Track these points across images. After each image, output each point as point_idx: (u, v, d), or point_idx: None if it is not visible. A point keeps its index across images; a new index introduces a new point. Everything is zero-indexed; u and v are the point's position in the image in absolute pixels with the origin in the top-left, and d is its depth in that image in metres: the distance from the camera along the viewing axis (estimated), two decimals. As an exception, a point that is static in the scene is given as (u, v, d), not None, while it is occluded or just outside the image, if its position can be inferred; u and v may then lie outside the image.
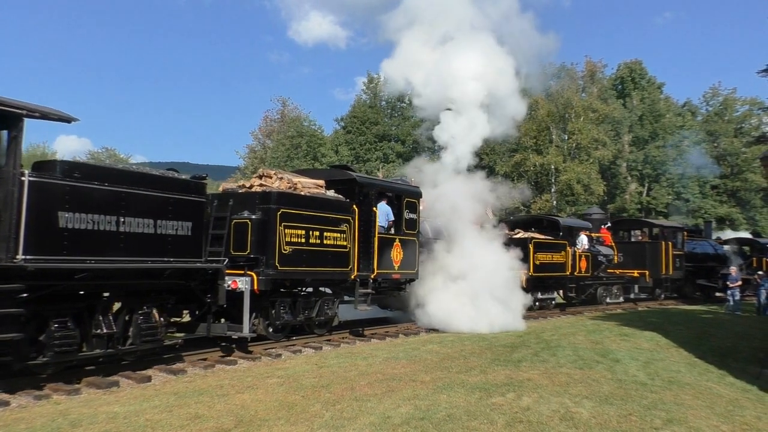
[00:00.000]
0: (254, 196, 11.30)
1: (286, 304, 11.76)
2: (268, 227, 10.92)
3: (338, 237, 12.20)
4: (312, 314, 12.37)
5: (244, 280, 10.58)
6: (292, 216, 11.23)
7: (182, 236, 9.19)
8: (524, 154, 45.34)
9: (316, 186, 12.60)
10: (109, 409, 7.03)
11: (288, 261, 11.15)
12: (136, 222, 8.52)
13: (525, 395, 7.87)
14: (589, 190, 43.78)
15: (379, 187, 13.91)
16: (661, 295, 25.68)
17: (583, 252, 21.25)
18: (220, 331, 10.68)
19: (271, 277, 10.88)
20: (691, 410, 7.35)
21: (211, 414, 6.82)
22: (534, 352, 11.41)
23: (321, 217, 11.85)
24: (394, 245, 13.83)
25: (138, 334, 9.02)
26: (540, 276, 19.15)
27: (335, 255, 12.15)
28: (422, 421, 6.59)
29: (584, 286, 21.85)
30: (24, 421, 6.56)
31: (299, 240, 11.36)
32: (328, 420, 6.62)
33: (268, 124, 54.71)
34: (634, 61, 53.93)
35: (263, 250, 10.88)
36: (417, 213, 14.61)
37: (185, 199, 9.30)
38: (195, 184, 9.65)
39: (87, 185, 7.93)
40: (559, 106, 45.86)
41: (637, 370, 9.90)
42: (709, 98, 56.34)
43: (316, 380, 8.65)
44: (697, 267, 27.96)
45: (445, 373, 9.30)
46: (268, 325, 11.61)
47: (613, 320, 17.79)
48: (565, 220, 22.12)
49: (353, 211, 12.62)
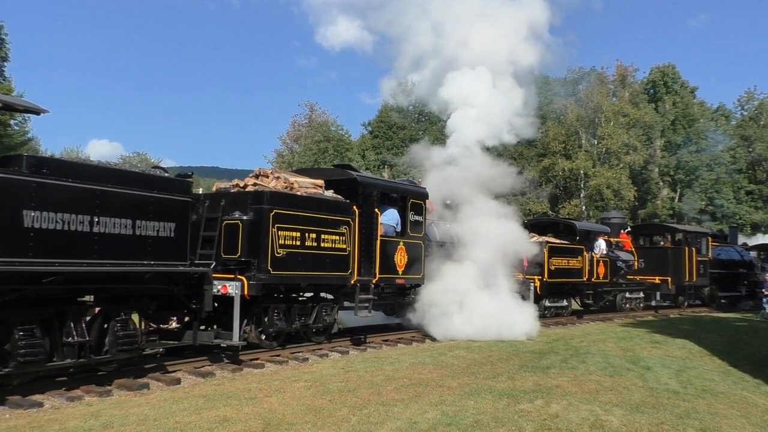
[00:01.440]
0: (246, 196, 10.74)
1: (280, 311, 11.13)
2: (260, 229, 10.34)
3: (337, 239, 11.57)
4: (309, 321, 11.77)
5: (234, 285, 9.98)
6: (286, 217, 10.63)
7: (164, 238, 8.57)
8: (552, 159, 44.95)
9: (314, 186, 11.94)
10: (139, 410, 7.12)
11: (282, 265, 10.56)
12: (113, 222, 7.92)
13: (554, 402, 7.78)
14: (620, 195, 43.21)
15: (382, 187, 13.21)
16: (684, 303, 24.92)
17: (601, 257, 20.60)
18: (207, 340, 10.12)
19: (263, 281, 10.31)
20: (726, 420, 7.19)
21: (239, 417, 6.87)
22: (563, 359, 11.28)
23: (318, 218, 11.22)
24: (398, 249, 13.18)
25: (114, 343, 8.38)
26: (555, 282, 18.56)
27: (333, 258, 11.53)
28: (449, 427, 6.56)
29: (602, 293, 21.21)
30: (57, 422, 6.67)
31: (294, 242, 10.75)
32: (355, 424, 6.62)
33: (296, 129, 55.09)
34: (666, 64, 53.17)
35: (255, 253, 10.31)
36: (423, 215, 13.92)
37: (168, 199, 8.69)
38: (179, 182, 9.07)
39: (56, 182, 7.37)
40: (589, 110, 45.40)
41: (669, 378, 9.73)
42: (744, 102, 55.33)
43: (343, 384, 8.66)
44: (723, 274, 27.05)
45: (473, 378, 9.24)
46: (260, 333, 10.98)
47: (643, 327, 17.51)
48: (582, 224, 21.55)
49: (353, 212, 11.98)
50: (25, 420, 6.78)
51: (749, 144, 51.56)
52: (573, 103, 45.49)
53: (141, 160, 59.41)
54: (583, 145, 45.39)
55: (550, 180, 45.95)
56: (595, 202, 43.39)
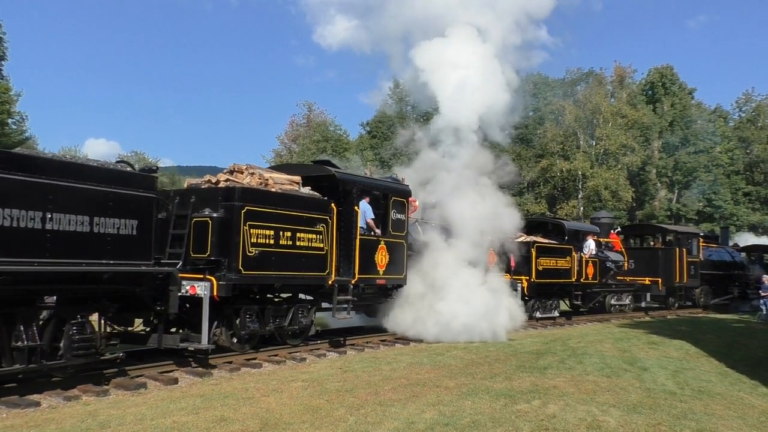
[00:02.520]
0: (217, 192, 10.24)
1: (253, 312, 10.66)
2: (230, 227, 9.87)
3: (313, 238, 11.09)
4: (284, 323, 11.29)
5: (203, 286, 9.52)
6: (258, 214, 10.16)
7: (125, 236, 8.08)
8: (551, 160, 45.00)
9: (290, 182, 11.41)
10: (137, 410, 7.12)
11: (254, 264, 10.08)
12: (68, 219, 7.42)
13: (551, 402, 7.79)
14: (617, 196, 43.27)
15: (362, 184, 12.62)
16: (674, 304, 24.58)
17: (591, 257, 20.20)
18: (172, 343, 9.51)
19: (234, 282, 9.85)
20: (722, 421, 7.21)
21: (237, 417, 6.87)
22: (560, 359, 11.29)
23: (293, 216, 10.75)
24: (379, 248, 12.67)
25: (69, 347, 7.85)
26: (543, 282, 18.18)
27: (310, 258, 11.05)
28: (447, 427, 6.56)
29: (591, 294, 20.82)
30: (54, 421, 6.67)
31: (267, 241, 10.28)
32: (353, 424, 6.62)
33: (294, 129, 55.06)
34: (664, 66, 53.27)
35: (225, 253, 9.84)
36: (405, 213, 13.43)
37: (130, 194, 8.20)
38: (141, 177, 8.53)
39: (4, 175, 6.92)
40: (587, 111, 45.46)
41: (666, 379, 9.74)
42: (741, 104, 55.45)
43: (341, 384, 8.66)
44: (714, 275, 26.71)
45: (470, 379, 9.24)
46: (231, 335, 10.56)
47: (641, 328, 17.53)
48: (570, 224, 21.16)
49: (331, 210, 11.49)
50: (22, 419, 6.77)
51: (747, 146, 51.69)
52: (571, 104, 45.54)
53: (139, 159, 59.35)
54: (581, 146, 45.45)
55: (548, 181, 46.01)
56: (593, 203, 43.45)
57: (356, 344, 12.74)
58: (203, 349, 9.62)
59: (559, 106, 47.53)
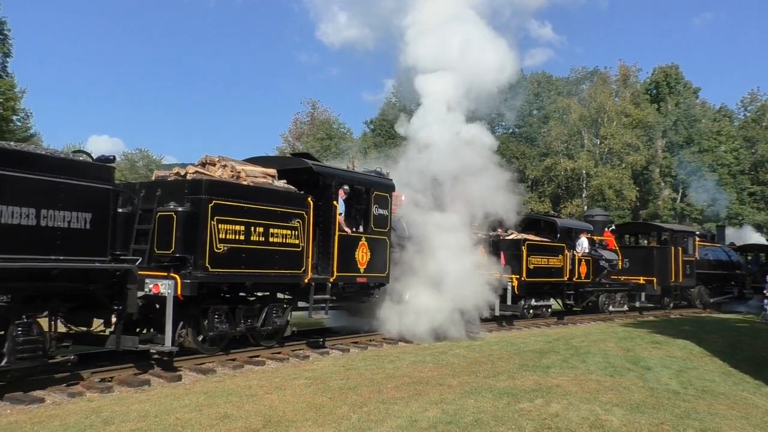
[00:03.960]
0: (183, 185, 9.62)
1: (222, 312, 10.06)
2: (197, 221, 9.23)
3: (288, 234, 10.47)
4: (256, 324, 10.67)
5: (166, 284, 8.95)
6: (228, 209, 9.54)
7: (77, 230, 7.53)
8: (555, 159, 44.96)
9: (264, 175, 10.77)
10: (140, 407, 7.14)
11: (222, 261, 9.46)
12: (10, 211, 6.93)
13: (554, 401, 7.78)
14: (621, 195, 43.21)
15: (341, 177, 12.00)
16: (669, 304, 23.93)
17: (583, 256, 19.50)
18: (131, 345, 8.86)
19: (200, 280, 9.24)
20: (726, 420, 7.19)
21: (240, 414, 6.88)
22: (563, 358, 11.29)
23: (266, 210, 10.13)
24: (360, 245, 12.08)
25: (13, 350, 7.29)
26: (534, 281, 17.55)
27: (284, 255, 10.44)
28: (449, 426, 6.56)
29: (584, 293, 20.16)
30: (58, 418, 6.69)
31: (237, 237, 9.67)
32: (355, 422, 6.63)
33: (298, 127, 55.12)
34: (669, 65, 53.15)
35: (191, 249, 9.22)
36: (388, 209, 12.81)
37: (83, 186, 7.64)
38: (96, 167, 7.98)
39: None
40: (592, 110, 45.40)
41: (670, 378, 9.73)
42: (747, 104, 55.30)
43: (344, 382, 8.68)
44: (710, 275, 26.20)
45: (473, 377, 9.24)
46: (199, 337, 9.98)
47: (644, 327, 17.51)
48: (563, 221, 20.45)
49: (308, 204, 10.90)
50: (26, 416, 6.80)
51: (752, 145, 51.53)
52: (576, 102, 45.48)
53: (143, 156, 59.41)
54: (585, 145, 45.40)
55: (552, 179, 45.98)
56: (597, 202, 43.39)
57: (360, 342, 12.74)
58: (165, 351, 9.01)
59: (564, 105, 47.51)
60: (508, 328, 16.42)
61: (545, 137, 47.39)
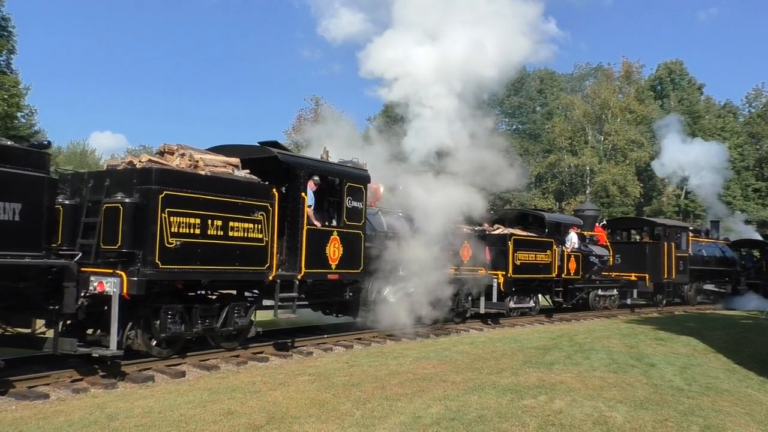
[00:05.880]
0: (132, 174, 8.85)
1: (176, 312, 9.29)
2: (145, 214, 8.51)
3: (250, 228, 9.77)
4: (215, 324, 9.92)
5: (112, 282, 8.26)
6: (181, 200, 8.81)
7: (4, 222, 6.97)
8: (558, 155, 44.91)
9: (224, 164, 10.02)
10: (144, 403, 7.16)
11: (174, 257, 8.73)
12: None
13: (557, 398, 7.78)
14: (625, 191, 43.13)
15: (310, 167, 11.25)
16: (662, 301, 23.63)
17: (573, 251, 18.93)
18: (69, 348, 8.08)
19: (149, 277, 8.48)
20: (730, 417, 7.18)
21: (244, 410, 6.90)
22: (567, 355, 11.28)
23: (225, 202, 9.42)
24: (331, 239, 11.40)
25: None
26: (521, 278, 16.98)
27: (246, 250, 9.73)
28: (453, 422, 6.57)
29: (574, 290, 19.52)
30: (63, 413, 6.72)
31: (192, 231, 8.94)
32: (359, 419, 6.64)
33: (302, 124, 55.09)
34: (673, 61, 53.00)
35: (139, 244, 8.48)
36: (363, 201, 12.10)
37: (10, 173, 7.06)
38: (27, 154, 7.38)
39: None
40: (595, 106, 45.33)
41: (674, 375, 9.72)
42: (751, 99, 55.11)
43: (347, 378, 8.69)
44: (703, 271, 25.81)
45: (476, 374, 9.25)
46: (150, 339, 9.26)
47: (648, 324, 17.48)
48: (551, 216, 19.82)
49: (272, 196, 10.16)
50: (31, 411, 6.83)
51: (757, 141, 51.38)
52: (579, 99, 45.42)
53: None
54: (589, 141, 45.33)
55: (556, 176, 45.92)
56: (601, 198, 43.35)
57: (363, 339, 12.74)
58: (107, 356, 8.27)
59: (567, 101, 47.44)
60: (511, 325, 16.41)
61: (549, 133, 47.33)
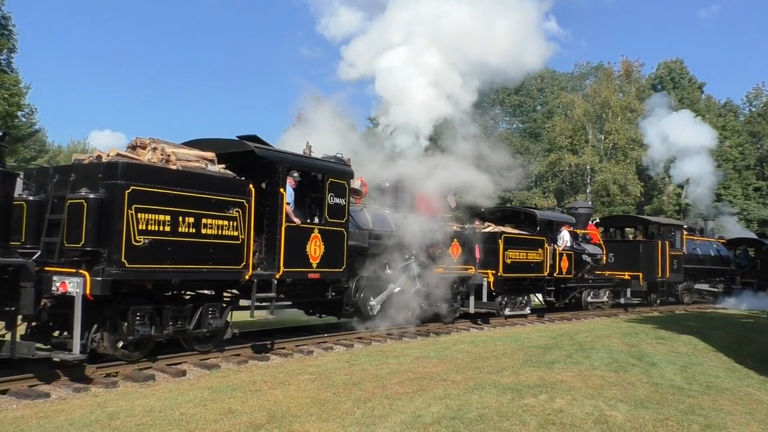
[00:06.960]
0: (97, 168, 8.43)
1: (145, 314, 8.86)
2: (111, 210, 8.11)
3: (225, 225, 9.38)
4: (188, 326, 9.49)
5: (74, 282, 7.86)
6: (149, 196, 8.41)
7: None
8: (559, 154, 44.89)
9: (198, 159, 9.56)
10: (145, 402, 7.17)
11: (142, 256, 8.32)
12: None
13: (558, 397, 7.78)
14: (626, 191, 43.11)
15: (289, 162, 10.84)
16: (656, 301, 23.53)
17: (565, 250, 18.65)
18: (26, 352, 7.64)
19: (115, 277, 8.10)
20: (731, 416, 7.18)
21: (244, 409, 6.90)
22: (567, 354, 11.28)
23: (197, 198, 9.01)
24: (312, 237, 11.02)
25: None
26: (511, 277, 16.66)
27: (220, 249, 9.32)
28: (453, 421, 6.57)
29: (566, 289, 19.27)
30: (64, 412, 6.73)
31: (161, 228, 8.54)
32: (360, 417, 6.64)
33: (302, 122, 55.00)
34: (674, 60, 52.95)
35: (104, 242, 8.10)
36: (346, 198, 11.76)
37: None
38: None
39: None
40: (596, 105, 45.31)
41: (674, 374, 9.72)
42: (752, 99, 55.05)
43: (348, 377, 8.69)
44: (698, 270, 25.64)
45: (477, 373, 9.25)
46: (116, 342, 8.84)
47: (649, 323, 17.48)
48: (543, 214, 19.28)
49: (249, 192, 9.79)
50: (32, 410, 6.84)
51: (757, 140, 51.34)
52: (580, 98, 45.39)
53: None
54: (589, 140, 45.30)
55: (557, 175, 45.90)
56: (602, 198, 43.33)
57: (363, 338, 12.73)
58: (69, 360, 7.93)
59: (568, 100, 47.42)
60: (511, 324, 16.41)
61: (549, 132, 47.30)
